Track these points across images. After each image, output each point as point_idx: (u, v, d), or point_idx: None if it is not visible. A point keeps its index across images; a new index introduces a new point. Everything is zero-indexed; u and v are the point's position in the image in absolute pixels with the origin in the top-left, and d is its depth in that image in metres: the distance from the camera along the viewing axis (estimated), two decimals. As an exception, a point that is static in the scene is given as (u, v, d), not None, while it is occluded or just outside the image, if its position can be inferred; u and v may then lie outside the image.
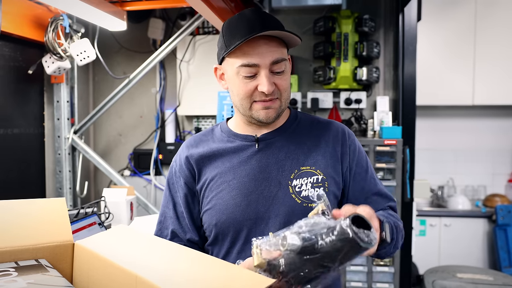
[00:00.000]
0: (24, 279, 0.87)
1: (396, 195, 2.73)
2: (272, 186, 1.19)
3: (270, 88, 1.13)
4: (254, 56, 1.12)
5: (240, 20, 1.15)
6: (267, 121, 1.20)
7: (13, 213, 1.08)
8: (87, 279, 1.04)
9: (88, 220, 2.02)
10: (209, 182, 1.23)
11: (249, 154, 1.23)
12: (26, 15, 2.38)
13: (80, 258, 1.07)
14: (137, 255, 0.97)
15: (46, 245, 1.06)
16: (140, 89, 3.34)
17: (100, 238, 1.11)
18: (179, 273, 0.87)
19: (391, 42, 3.04)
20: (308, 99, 3.04)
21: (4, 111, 2.48)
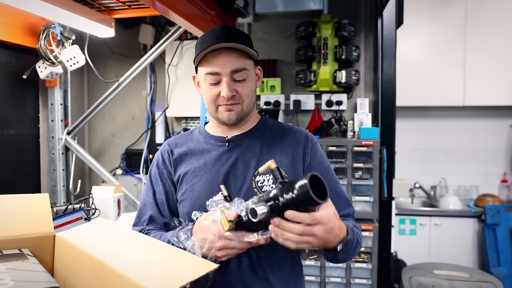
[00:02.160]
0: (5, 265, 1.01)
1: (373, 194, 2.84)
2: (238, 181, 1.34)
3: (229, 94, 1.28)
4: (216, 65, 1.28)
5: (210, 34, 1.31)
6: (229, 122, 1.35)
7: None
8: (65, 268, 1.18)
9: (76, 215, 2.16)
10: (183, 176, 1.38)
11: (220, 153, 1.38)
12: (20, 24, 2.53)
13: (60, 248, 1.21)
14: (109, 245, 1.11)
15: (28, 236, 1.19)
16: (132, 92, 3.50)
17: (79, 230, 1.25)
18: (142, 261, 1.01)
19: (371, 46, 3.15)
20: (291, 101, 3.17)
21: (1, 113, 2.63)
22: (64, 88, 3.04)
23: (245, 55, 1.31)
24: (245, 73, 1.30)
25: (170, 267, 1.02)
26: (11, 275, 0.96)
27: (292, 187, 1.03)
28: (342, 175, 2.86)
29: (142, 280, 0.93)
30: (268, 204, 1.06)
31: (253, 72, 1.36)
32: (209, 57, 1.29)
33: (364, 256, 2.88)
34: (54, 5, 2.06)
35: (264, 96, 3.25)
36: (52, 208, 2.20)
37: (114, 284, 0.98)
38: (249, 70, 1.32)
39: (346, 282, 2.92)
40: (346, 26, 2.95)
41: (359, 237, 1.30)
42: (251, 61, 1.34)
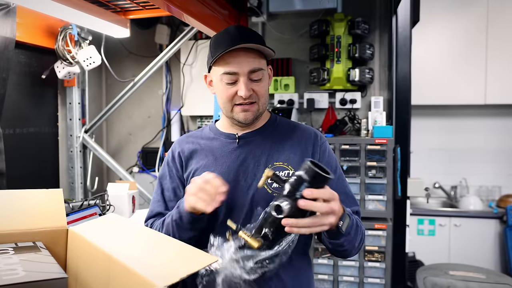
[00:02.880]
0: (18, 257, 1.06)
1: (387, 193, 2.83)
2: (248, 177, 1.36)
3: (247, 93, 1.31)
4: (234, 65, 1.30)
5: (224, 34, 1.33)
6: (245, 122, 1.37)
7: (15, 201, 1.27)
8: (76, 260, 1.23)
9: (90, 211, 2.23)
10: (194, 172, 1.41)
11: (230, 149, 1.40)
12: (39, 25, 2.61)
13: (72, 242, 1.26)
14: (117, 239, 1.15)
15: (42, 230, 1.25)
16: (148, 91, 3.56)
17: (90, 225, 1.29)
18: (147, 254, 1.04)
19: (386, 44, 3.13)
20: (305, 99, 3.18)
21: (22, 112, 2.72)
22: (82, 88, 3.12)
23: (261, 55, 1.34)
24: (261, 73, 1.33)
25: (173, 260, 1.05)
26: (23, 266, 1.00)
27: (299, 176, 1.07)
28: (355, 174, 2.85)
29: (145, 271, 0.96)
30: (287, 198, 1.08)
31: (266, 72, 1.38)
32: (226, 57, 1.31)
33: (378, 255, 2.87)
34: (71, 7, 2.12)
35: (278, 95, 3.26)
36: (68, 203, 2.27)
37: (119, 275, 1.02)
38: (264, 69, 1.35)
39: (359, 281, 2.91)
40: (360, 24, 2.94)
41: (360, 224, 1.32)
42: (265, 61, 1.37)
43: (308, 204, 1.05)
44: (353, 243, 1.27)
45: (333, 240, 1.23)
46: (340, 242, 1.23)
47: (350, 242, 1.25)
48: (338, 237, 1.20)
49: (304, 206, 1.05)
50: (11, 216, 1.23)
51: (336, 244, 1.25)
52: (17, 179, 2.53)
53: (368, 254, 2.88)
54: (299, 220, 1.06)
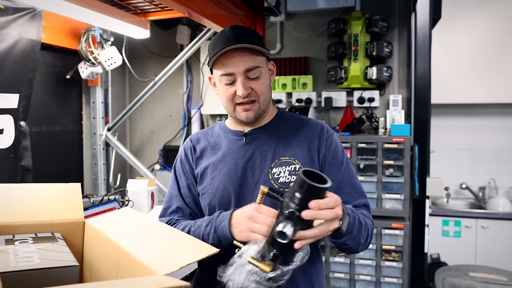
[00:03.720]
0: (36, 246, 1.13)
1: (404, 192, 2.81)
2: (256, 173, 1.39)
3: (245, 92, 1.33)
4: (230, 66, 1.33)
5: (221, 36, 1.36)
6: (247, 121, 1.40)
7: (36, 194, 1.34)
8: (91, 250, 1.30)
9: (110, 205, 2.32)
10: (204, 169, 1.45)
11: (238, 146, 1.44)
12: (63, 28, 2.71)
13: (88, 233, 1.33)
14: (128, 231, 1.21)
15: (61, 222, 1.32)
16: (170, 90, 3.64)
17: (106, 218, 1.36)
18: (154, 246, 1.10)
19: (405, 42, 3.10)
20: (322, 98, 3.19)
21: (48, 111, 2.83)
22: (105, 87, 3.23)
23: (257, 52, 1.35)
24: (258, 70, 1.35)
25: (177, 251, 1.10)
26: (39, 254, 1.07)
27: (293, 190, 1.04)
28: (372, 172, 2.85)
29: (149, 260, 1.01)
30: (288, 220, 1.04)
31: (266, 68, 1.40)
32: (222, 59, 1.34)
33: (395, 254, 2.86)
34: (93, 10, 2.20)
35: (296, 94, 3.28)
36: (89, 198, 2.36)
37: (127, 264, 1.08)
38: (262, 67, 1.36)
39: (376, 280, 2.90)
40: (378, 22, 2.93)
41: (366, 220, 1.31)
42: (263, 58, 1.38)
43: (314, 214, 1.01)
44: (357, 240, 1.26)
45: (335, 240, 1.23)
46: (342, 241, 1.23)
47: (353, 240, 1.24)
48: (340, 236, 1.19)
49: (310, 217, 1.01)
50: (32, 208, 1.30)
51: (339, 243, 1.25)
52: (43, 175, 2.64)
53: (385, 253, 2.87)
54: (306, 232, 1.04)
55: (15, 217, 1.26)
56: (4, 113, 2.24)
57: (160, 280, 0.92)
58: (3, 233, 1.22)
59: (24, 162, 2.40)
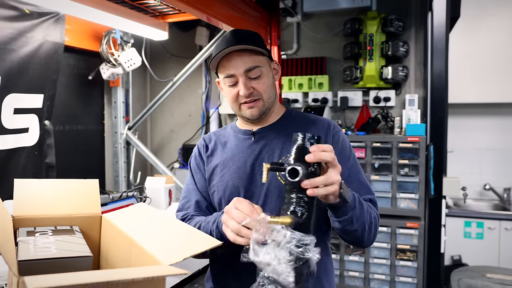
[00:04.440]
0: (55, 237, 1.21)
1: (419, 191, 2.81)
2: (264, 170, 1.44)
3: (246, 92, 1.38)
4: (230, 68, 1.39)
5: (222, 41, 1.42)
6: (252, 118, 1.45)
7: (57, 189, 1.43)
8: (107, 243, 1.38)
9: (127, 202, 2.40)
10: (214, 167, 1.51)
11: (247, 145, 1.49)
12: (85, 31, 2.82)
13: (105, 227, 1.41)
14: (141, 225, 1.28)
15: (79, 215, 1.41)
16: (189, 90, 3.73)
17: (121, 212, 1.44)
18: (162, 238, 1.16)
19: (422, 41, 3.10)
20: (338, 97, 3.21)
21: (71, 110, 2.95)
22: (126, 88, 3.33)
23: (257, 53, 1.40)
24: (258, 70, 1.39)
25: (183, 243, 1.16)
26: (57, 245, 1.15)
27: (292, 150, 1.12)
28: (387, 172, 2.86)
29: (156, 252, 1.08)
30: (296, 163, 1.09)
31: (268, 68, 1.44)
32: (224, 61, 1.39)
33: (410, 254, 2.86)
34: (114, 13, 2.30)
35: (312, 93, 3.31)
36: (109, 194, 2.45)
37: (137, 255, 1.15)
38: (263, 66, 1.41)
39: (391, 279, 2.91)
40: (393, 22, 2.94)
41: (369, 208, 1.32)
42: (263, 57, 1.43)
43: (316, 154, 1.06)
44: (362, 221, 1.26)
45: (341, 218, 1.22)
46: (347, 218, 1.22)
47: (358, 219, 1.24)
48: (344, 211, 1.20)
49: (313, 158, 1.06)
50: (52, 202, 1.38)
51: (345, 221, 1.23)
52: (66, 172, 2.75)
53: (400, 253, 2.88)
54: (313, 180, 1.07)
55: (36, 210, 1.35)
56: (30, 113, 2.35)
57: (163, 269, 0.98)
58: (25, 225, 1.31)
59: (48, 159, 2.51)
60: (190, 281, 1.82)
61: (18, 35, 2.17)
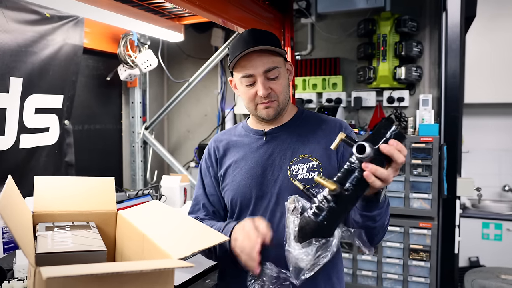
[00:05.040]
0: (72, 232, 1.28)
1: (432, 192, 2.81)
2: (275, 170, 1.46)
3: (265, 92, 1.40)
4: (249, 68, 1.41)
5: (239, 40, 1.44)
6: (268, 118, 1.47)
7: (74, 187, 1.50)
8: (122, 238, 1.44)
9: (143, 199, 2.47)
10: (227, 168, 1.54)
11: (259, 145, 1.52)
12: (104, 33, 2.90)
13: (120, 223, 1.48)
14: (153, 221, 1.34)
15: (95, 212, 1.47)
16: (205, 91, 3.80)
17: (136, 209, 1.50)
18: (173, 234, 1.22)
19: (436, 41, 3.09)
20: (352, 98, 3.23)
21: (90, 110, 3.04)
22: (143, 88, 3.41)
23: (275, 54, 1.42)
24: (277, 71, 1.42)
25: (192, 239, 1.21)
26: (73, 240, 1.21)
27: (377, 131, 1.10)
28: (400, 172, 2.85)
29: (166, 246, 1.13)
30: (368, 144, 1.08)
31: (284, 69, 1.46)
32: (242, 61, 1.41)
33: (423, 254, 2.86)
34: (130, 16, 2.36)
35: (326, 94, 3.34)
36: (125, 192, 2.53)
37: (149, 250, 1.20)
38: (281, 67, 1.43)
39: (403, 279, 2.91)
40: (407, 22, 2.94)
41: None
42: (281, 58, 1.45)
43: (391, 149, 1.06)
44: (383, 221, 1.28)
45: (367, 212, 1.24)
46: (373, 215, 1.24)
47: (380, 219, 1.26)
48: (373, 208, 1.22)
49: (386, 150, 1.05)
50: (70, 199, 1.45)
51: (368, 217, 1.25)
52: (85, 170, 2.83)
53: (413, 253, 2.88)
54: (378, 168, 1.06)
55: (55, 206, 1.41)
56: (50, 113, 2.44)
57: (170, 262, 1.04)
58: (44, 220, 1.38)
59: (68, 158, 2.60)
60: (203, 277, 1.86)
61: (39, 38, 2.26)
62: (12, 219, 0.97)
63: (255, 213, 1.46)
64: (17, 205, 1.18)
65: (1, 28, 2.02)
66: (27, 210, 1.31)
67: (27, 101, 2.24)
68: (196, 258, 1.96)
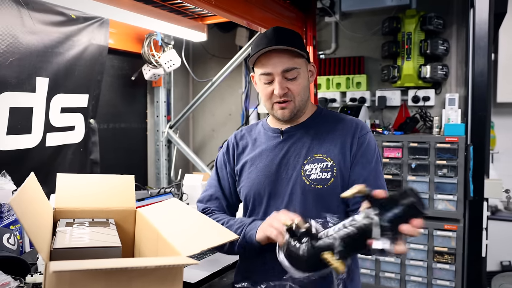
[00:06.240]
0: (90, 229, 1.31)
1: (458, 193, 2.74)
2: (289, 169, 1.46)
3: (281, 92, 1.41)
4: (268, 66, 1.42)
5: (262, 37, 1.45)
6: (283, 119, 1.48)
7: (95, 184, 1.54)
8: (140, 236, 1.47)
9: (164, 197, 2.50)
10: (243, 165, 1.56)
11: (275, 143, 1.52)
12: (128, 34, 2.96)
13: (138, 221, 1.51)
14: (169, 219, 1.35)
15: (115, 209, 1.50)
16: (229, 90, 3.82)
17: (154, 207, 1.52)
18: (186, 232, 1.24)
19: (464, 39, 3.01)
20: (376, 97, 3.18)
21: (115, 109, 3.10)
22: (168, 88, 3.46)
23: (296, 54, 1.41)
24: (296, 71, 1.41)
25: (203, 237, 1.22)
26: (90, 236, 1.24)
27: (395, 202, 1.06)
28: (424, 172, 2.80)
29: (177, 243, 1.15)
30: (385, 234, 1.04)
31: (305, 70, 1.46)
32: (263, 59, 1.42)
33: (448, 257, 2.79)
34: (154, 17, 2.40)
35: (350, 93, 3.30)
36: (147, 190, 2.57)
37: (162, 247, 1.23)
38: (300, 68, 1.43)
39: (427, 282, 2.85)
40: (433, 20, 2.88)
41: None
42: (302, 59, 1.44)
43: (412, 231, 1.02)
44: None
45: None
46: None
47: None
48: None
49: (409, 232, 1.02)
50: (91, 196, 1.49)
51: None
52: (110, 168, 2.89)
53: (437, 255, 2.82)
54: (400, 247, 1.03)
55: (76, 203, 1.45)
56: (76, 112, 2.51)
57: (177, 259, 1.05)
58: (65, 216, 1.42)
59: (93, 156, 2.67)
60: (220, 275, 1.88)
61: (65, 39, 2.32)
62: (26, 215, 1.00)
63: (268, 210, 1.47)
64: (36, 201, 1.22)
65: (28, 29, 2.09)
66: (47, 207, 1.35)
67: (53, 100, 2.30)
68: (213, 256, 2.00)
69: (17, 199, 0.99)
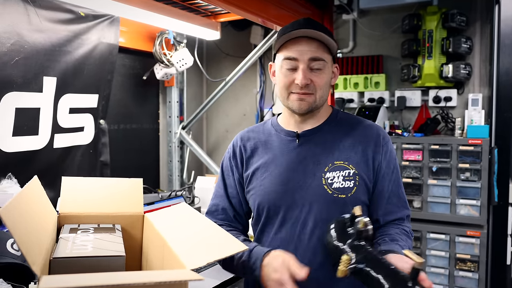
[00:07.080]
0: (95, 236, 1.25)
1: (481, 198, 2.62)
2: (308, 177, 1.34)
3: (303, 81, 1.29)
4: (294, 51, 1.30)
5: (292, 24, 1.34)
6: (299, 112, 1.35)
7: (101, 188, 1.47)
8: (147, 243, 1.40)
9: (175, 201, 2.43)
10: (255, 170, 1.43)
11: (291, 148, 1.40)
12: (139, 32, 2.90)
13: (146, 227, 1.44)
14: (176, 226, 1.27)
15: (122, 214, 1.43)
16: (244, 90, 3.74)
17: (162, 212, 1.45)
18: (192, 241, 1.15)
19: (488, 36, 2.88)
20: (395, 97, 3.07)
21: (127, 110, 3.05)
22: (180, 87, 3.39)
23: (325, 48, 1.31)
24: (322, 63, 1.31)
25: (210, 247, 1.14)
26: (94, 244, 1.17)
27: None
28: (446, 176, 2.69)
29: (182, 254, 1.07)
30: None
31: (330, 66, 1.35)
32: (290, 44, 1.30)
33: (470, 264, 2.67)
34: (166, 15, 2.35)
35: (368, 93, 3.20)
36: (158, 193, 2.50)
37: (168, 256, 1.15)
38: (327, 62, 1.32)
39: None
40: (455, 17, 2.75)
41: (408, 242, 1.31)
42: (329, 56, 1.34)
43: None
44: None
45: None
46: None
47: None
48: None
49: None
50: (97, 200, 1.42)
51: None
52: (121, 170, 2.84)
53: (460, 263, 2.69)
54: None
55: (81, 208, 1.38)
56: (85, 112, 2.45)
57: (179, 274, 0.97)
58: (70, 222, 1.35)
59: (103, 157, 2.61)
60: (230, 284, 1.80)
61: (73, 37, 2.26)
62: (19, 225, 0.93)
63: (284, 222, 1.36)
64: (36, 207, 1.16)
65: (35, 27, 2.03)
66: (50, 212, 1.29)
67: (61, 100, 2.25)
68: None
69: (8, 208, 0.92)
